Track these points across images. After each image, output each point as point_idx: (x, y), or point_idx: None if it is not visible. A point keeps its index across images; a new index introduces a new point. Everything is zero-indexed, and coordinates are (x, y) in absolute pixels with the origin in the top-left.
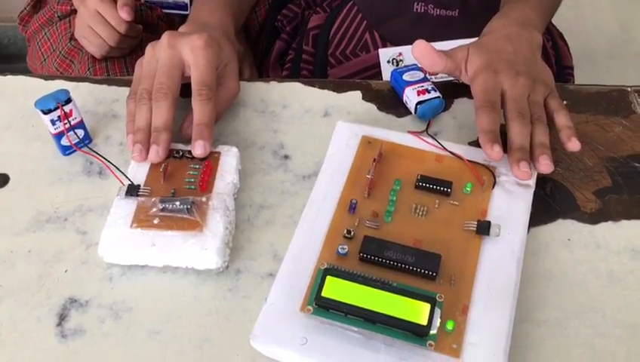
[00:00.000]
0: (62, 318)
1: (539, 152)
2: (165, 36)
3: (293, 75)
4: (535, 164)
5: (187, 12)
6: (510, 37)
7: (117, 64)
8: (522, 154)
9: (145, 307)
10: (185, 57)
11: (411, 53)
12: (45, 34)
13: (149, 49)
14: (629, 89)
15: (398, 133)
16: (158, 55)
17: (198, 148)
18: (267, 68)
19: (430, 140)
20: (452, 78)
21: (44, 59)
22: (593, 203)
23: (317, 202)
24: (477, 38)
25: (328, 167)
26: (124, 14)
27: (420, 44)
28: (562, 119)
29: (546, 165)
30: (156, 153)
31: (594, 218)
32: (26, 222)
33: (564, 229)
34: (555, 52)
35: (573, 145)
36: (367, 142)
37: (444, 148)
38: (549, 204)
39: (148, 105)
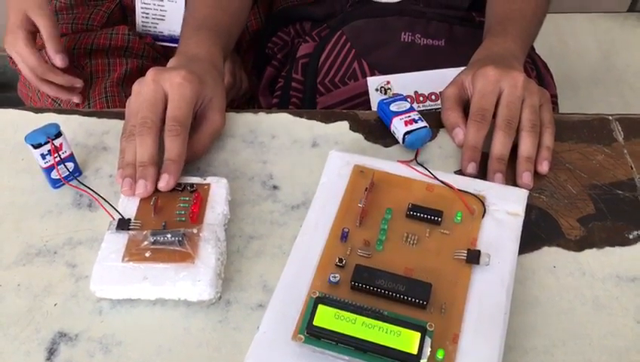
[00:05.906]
0: (51, 352)
1: (523, 168)
2: (150, 72)
3: (283, 103)
4: (517, 178)
5: None
6: (497, 63)
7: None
8: (499, 166)
9: (135, 340)
10: (166, 92)
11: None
12: None
13: (135, 86)
14: (610, 117)
15: (390, 163)
16: (142, 91)
17: (162, 182)
18: (257, 94)
19: (421, 169)
20: (438, 108)
21: (32, 88)
22: (577, 230)
23: (309, 231)
24: (464, 68)
25: (320, 196)
26: (59, 62)
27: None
28: (546, 138)
29: (527, 184)
30: (145, 187)
31: (579, 245)
32: (15, 255)
33: (550, 257)
34: (540, 82)
35: (542, 168)
36: (360, 171)
37: (435, 178)
38: (535, 231)
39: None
